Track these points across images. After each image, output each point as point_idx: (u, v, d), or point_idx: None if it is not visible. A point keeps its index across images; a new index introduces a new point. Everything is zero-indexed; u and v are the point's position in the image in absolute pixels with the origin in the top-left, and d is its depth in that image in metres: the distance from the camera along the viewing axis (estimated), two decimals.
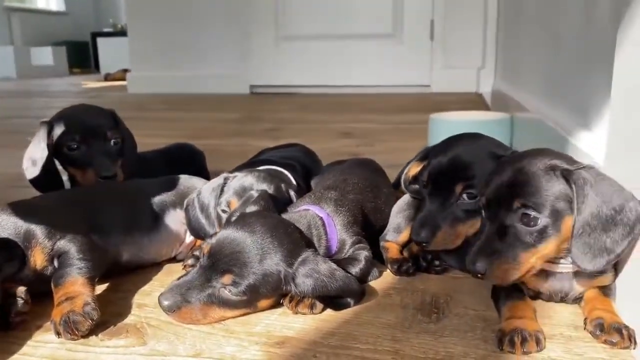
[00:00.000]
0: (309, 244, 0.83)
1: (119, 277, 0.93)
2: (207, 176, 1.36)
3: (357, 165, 1.09)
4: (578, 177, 0.68)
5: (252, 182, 0.95)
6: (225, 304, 0.76)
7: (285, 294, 0.79)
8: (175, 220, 1.02)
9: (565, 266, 0.74)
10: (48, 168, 1.09)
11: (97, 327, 0.75)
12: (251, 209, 0.85)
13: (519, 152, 0.83)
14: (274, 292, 0.78)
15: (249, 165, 1.26)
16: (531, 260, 0.71)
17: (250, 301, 0.77)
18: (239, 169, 1.18)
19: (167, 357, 0.69)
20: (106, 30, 8.78)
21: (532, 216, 0.69)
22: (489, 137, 0.97)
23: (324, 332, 0.74)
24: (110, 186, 1.00)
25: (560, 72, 1.43)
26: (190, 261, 0.94)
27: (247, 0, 4.08)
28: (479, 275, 0.71)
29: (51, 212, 0.88)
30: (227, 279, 0.75)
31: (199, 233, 0.99)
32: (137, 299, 0.86)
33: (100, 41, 7.56)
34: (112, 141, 1.11)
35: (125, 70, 6.03)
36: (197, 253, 0.95)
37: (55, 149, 1.12)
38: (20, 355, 0.71)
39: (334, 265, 0.78)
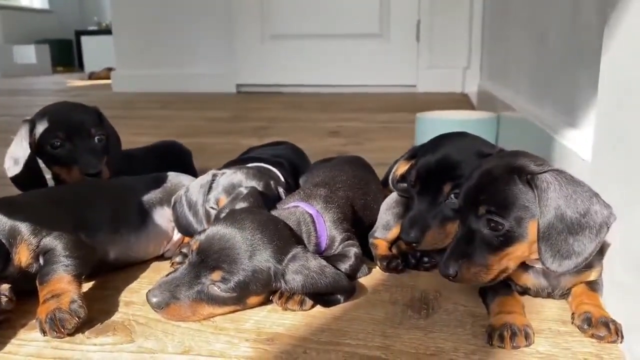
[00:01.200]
0: (299, 241, 0.83)
1: (106, 274, 0.92)
2: (194, 174, 1.35)
3: (346, 163, 1.09)
4: (541, 181, 0.69)
5: (241, 179, 0.94)
6: (215, 300, 0.75)
7: (275, 290, 0.79)
8: (162, 217, 1.01)
9: None
10: (30, 167, 1.07)
11: (84, 325, 0.73)
12: (240, 205, 0.85)
13: (495, 154, 0.84)
14: (264, 289, 0.77)
15: (238, 162, 1.25)
16: (501, 262, 0.72)
17: (239, 298, 0.76)
18: (228, 166, 1.17)
19: (155, 355, 0.68)
20: (91, 28, 8.66)
21: (497, 221, 0.70)
22: (476, 136, 0.98)
23: (314, 329, 0.74)
24: (97, 184, 0.99)
25: (546, 71, 1.45)
26: (178, 258, 0.93)
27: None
28: (451, 278, 0.73)
29: (36, 209, 0.86)
30: (216, 275, 0.74)
31: (186, 230, 0.98)
32: (125, 296, 0.85)
33: (85, 39, 7.47)
34: (97, 138, 1.09)
35: (110, 69, 5.97)
36: (184, 250, 0.94)
37: (38, 148, 1.09)
38: (4, 354, 0.69)
39: (323, 262, 0.78)
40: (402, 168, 0.97)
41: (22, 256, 0.80)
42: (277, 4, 4.04)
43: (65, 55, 8.58)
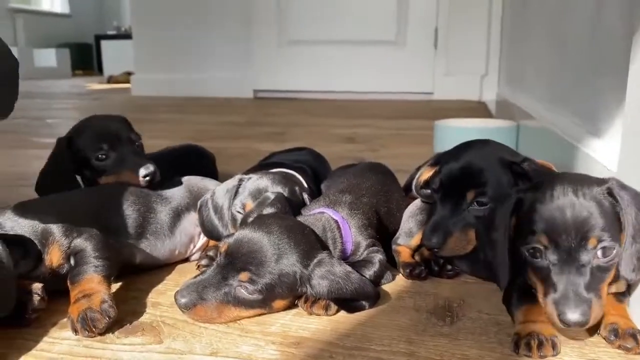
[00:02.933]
0: (325, 247, 0.83)
1: (132, 276, 0.94)
2: (216, 178, 1.36)
3: (369, 169, 1.10)
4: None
5: (267, 184, 0.96)
6: (241, 303, 0.76)
7: (300, 295, 0.80)
8: (189, 221, 1.02)
9: None
10: (68, 183, 1.06)
11: (113, 325, 0.75)
12: (267, 211, 0.86)
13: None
14: (290, 293, 0.78)
15: (260, 168, 1.27)
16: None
17: (265, 301, 0.77)
18: (251, 171, 1.18)
19: (184, 356, 0.69)
20: (110, 32, 8.80)
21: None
22: (500, 144, 0.98)
23: (339, 334, 0.75)
24: (123, 187, 1.00)
25: (568, 79, 1.44)
26: (204, 261, 0.95)
27: (251, 4, 4.11)
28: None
29: (66, 212, 0.88)
30: (243, 277, 0.75)
31: (212, 234, 1.00)
32: (152, 297, 0.87)
33: (104, 44, 7.58)
34: (136, 144, 1.11)
35: (129, 73, 6.05)
36: (211, 253, 0.95)
37: (81, 163, 1.09)
38: (37, 351, 0.71)
39: (349, 268, 0.79)
40: (426, 174, 0.98)
41: (54, 257, 0.82)
42: (294, 10, 4.07)
43: (85, 59, 8.71)
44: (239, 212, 0.96)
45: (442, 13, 3.81)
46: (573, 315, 0.65)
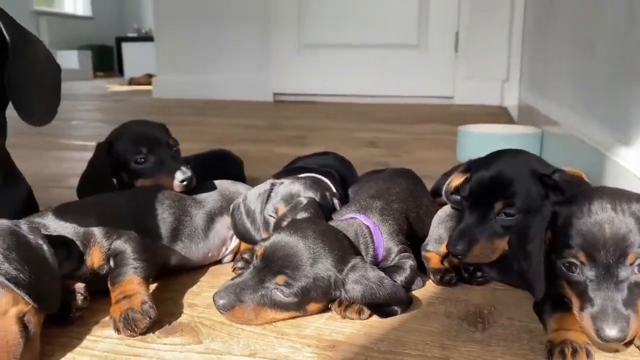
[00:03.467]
0: (357, 252, 0.85)
1: (167, 278, 0.96)
2: (244, 182, 1.39)
3: (398, 175, 1.11)
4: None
5: (299, 189, 0.97)
6: (277, 305, 0.78)
7: (334, 299, 0.81)
8: (221, 224, 1.05)
9: None
10: (108, 187, 1.09)
11: (154, 325, 0.77)
12: (301, 215, 0.88)
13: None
14: (324, 297, 0.80)
15: (287, 172, 1.29)
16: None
17: (300, 304, 0.79)
18: (279, 176, 1.20)
19: (222, 356, 0.71)
20: (130, 35, 8.93)
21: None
22: (532, 154, 0.99)
23: (373, 338, 0.76)
24: (160, 191, 1.03)
25: (595, 85, 1.43)
26: (239, 264, 0.97)
27: (271, 8, 4.14)
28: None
29: (106, 214, 0.91)
30: (280, 280, 0.77)
31: (244, 236, 1.02)
32: (187, 299, 0.89)
33: (125, 46, 7.70)
34: (174, 149, 1.13)
35: (150, 75, 6.13)
36: (246, 256, 0.97)
37: (120, 166, 1.11)
38: (81, 349, 0.73)
39: (382, 274, 0.80)
40: (456, 181, 0.99)
41: (95, 258, 0.85)
42: (314, 13, 4.09)
43: (106, 60, 8.84)
44: (271, 216, 0.98)
45: (463, 17, 3.81)
46: (611, 331, 0.65)
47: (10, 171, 0.90)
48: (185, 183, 1.04)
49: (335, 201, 1.02)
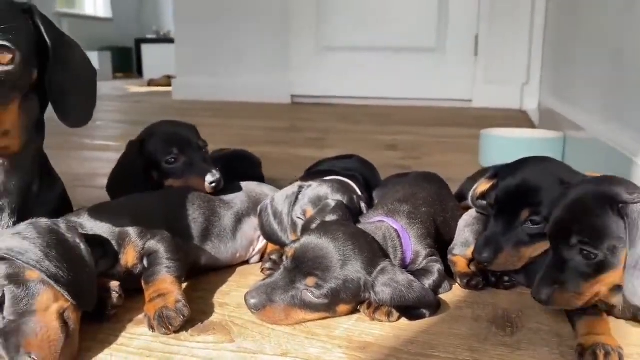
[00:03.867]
0: (386, 255, 0.86)
1: (196, 277, 0.98)
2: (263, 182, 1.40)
3: (423, 179, 1.12)
4: (632, 211, 0.69)
5: (326, 192, 0.99)
6: (307, 306, 0.79)
7: (363, 301, 0.82)
8: (249, 225, 1.06)
9: None
10: (139, 185, 1.10)
11: (186, 324, 0.78)
12: (330, 218, 0.89)
13: (582, 180, 0.83)
14: (353, 299, 0.81)
15: (312, 175, 1.30)
16: (593, 288, 0.73)
17: (330, 305, 0.80)
18: (305, 178, 1.21)
19: (256, 355, 0.73)
20: (149, 37, 9.03)
21: (589, 251, 0.72)
22: (558, 162, 0.99)
23: (403, 340, 0.77)
24: (190, 192, 1.05)
25: (623, 89, 1.42)
26: (267, 265, 0.98)
27: (290, 11, 4.16)
28: (543, 303, 0.76)
29: (140, 214, 0.93)
30: (310, 281, 0.79)
31: (271, 238, 1.03)
32: (217, 298, 0.91)
33: (144, 47, 7.78)
34: (204, 150, 1.15)
35: (168, 77, 6.19)
36: (274, 257, 0.99)
37: (151, 165, 1.13)
38: (118, 346, 0.75)
39: (411, 277, 0.81)
40: (483, 187, 0.99)
41: (129, 257, 0.87)
42: (332, 15, 4.11)
43: (125, 62, 8.94)
44: (299, 218, 0.99)
45: (483, 20, 3.79)
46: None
47: (47, 172, 0.92)
48: (214, 185, 1.06)
49: (362, 204, 1.03)
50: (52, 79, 0.80)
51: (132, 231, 0.88)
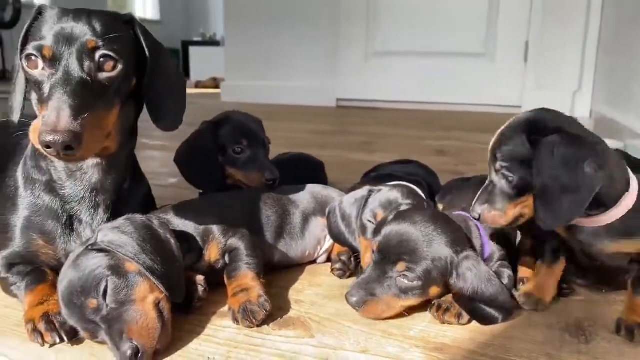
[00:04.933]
0: (471, 244, 0.89)
1: (269, 275, 1.02)
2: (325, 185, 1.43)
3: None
4: (543, 144, 0.78)
5: (397, 197, 1.01)
6: (403, 292, 0.83)
7: (447, 288, 0.85)
8: (316, 225, 1.10)
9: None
10: (214, 165, 1.16)
11: (267, 318, 0.83)
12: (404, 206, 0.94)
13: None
14: (443, 278, 0.84)
15: (372, 179, 1.33)
16: (516, 209, 0.84)
17: (424, 287, 0.83)
18: (367, 183, 1.24)
19: (336, 351, 0.76)
20: (195, 39, 9.25)
21: (507, 175, 0.84)
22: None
23: (479, 343, 0.79)
24: (262, 192, 1.10)
25: None
26: (338, 265, 1.01)
27: (340, 16, 4.20)
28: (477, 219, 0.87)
29: (222, 213, 0.98)
30: (401, 266, 0.83)
31: (339, 239, 1.07)
32: (292, 295, 0.94)
33: (192, 50, 7.97)
34: (268, 147, 1.20)
35: (215, 79, 6.34)
36: (343, 257, 1.02)
37: (220, 148, 1.19)
38: (205, 336, 0.80)
39: (491, 271, 0.84)
40: None
41: (212, 253, 0.92)
42: (382, 21, 4.12)
43: None
44: (369, 221, 1.02)
45: (533, 26, 3.74)
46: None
47: (136, 171, 0.98)
48: (271, 183, 1.10)
49: None
50: (149, 85, 0.85)
51: (215, 229, 0.93)
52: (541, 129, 0.79)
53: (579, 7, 3.57)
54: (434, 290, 0.85)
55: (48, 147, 0.68)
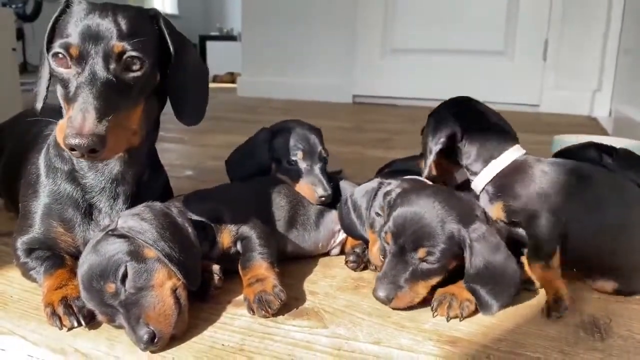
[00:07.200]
0: (481, 217, 0.89)
1: (283, 266, 1.02)
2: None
3: None
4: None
5: None
6: (427, 275, 0.85)
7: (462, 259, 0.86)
8: (329, 217, 1.10)
9: None
10: (260, 171, 1.15)
11: (282, 308, 0.83)
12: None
13: None
14: (458, 251, 0.85)
15: (386, 175, 1.32)
16: None
17: (444, 265, 0.85)
18: (383, 177, 1.24)
19: (349, 342, 0.77)
20: (213, 34, 9.29)
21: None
22: None
23: (492, 337, 0.79)
24: (278, 181, 1.10)
25: None
26: (352, 257, 1.02)
27: (358, 13, 4.20)
28: None
29: (235, 202, 0.99)
30: (422, 253, 0.84)
31: (350, 230, 1.07)
32: (307, 286, 0.95)
33: (209, 44, 8.02)
34: (324, 160, 1.16)
35: (231, 74, 6.37)
36: (357, 250, 1.03)
37: (273, 157, 1.16)
38: (221, 324, 0.81)
39: (502, 242, 0.85)
40: None
41: (225, 240, 0.93)
42: (399, 19, 4.11)
43: None
44: (377, 213, 1.02)
45: (553, 25, 3.69)
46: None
47: (155, 163, 0.99)
48: (323, 199, 1.09)
49: None
50: (173, 80, 0.86)
51: (227, 216, 0.94)
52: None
53: (600, 5, 3.53)
54: (452, 265, 0.87)
55: (73, 149, 0.70)
